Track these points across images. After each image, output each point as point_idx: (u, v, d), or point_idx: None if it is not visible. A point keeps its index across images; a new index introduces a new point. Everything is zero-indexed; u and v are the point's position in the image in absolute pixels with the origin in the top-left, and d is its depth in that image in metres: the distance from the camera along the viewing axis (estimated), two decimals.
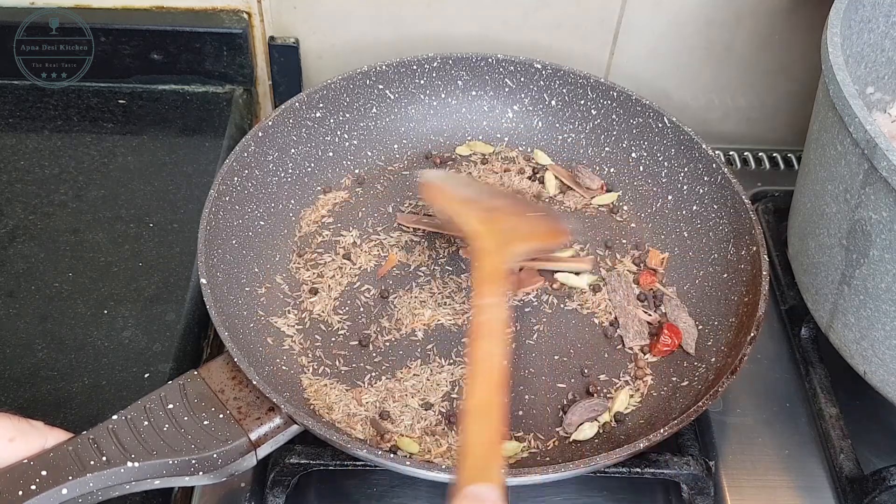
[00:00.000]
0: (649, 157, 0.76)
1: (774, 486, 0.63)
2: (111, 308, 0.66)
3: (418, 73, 0.78)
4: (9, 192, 0.74)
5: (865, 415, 0.67)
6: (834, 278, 0.59)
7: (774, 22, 0.82)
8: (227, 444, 0.53)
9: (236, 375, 0.57)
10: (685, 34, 0.84)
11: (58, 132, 0.79)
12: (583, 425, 0.61)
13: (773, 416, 0.66)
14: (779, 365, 0.70)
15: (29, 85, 0.82)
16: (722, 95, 0.89)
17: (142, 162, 0.77)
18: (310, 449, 0.58)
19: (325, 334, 0.66)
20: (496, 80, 0.79)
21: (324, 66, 0.86)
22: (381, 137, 0.79)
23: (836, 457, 0.63)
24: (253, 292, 0.67)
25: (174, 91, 0.84)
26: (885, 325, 0.56)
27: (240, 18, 0.82)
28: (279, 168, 0.73)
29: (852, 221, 0.56)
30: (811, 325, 0.69)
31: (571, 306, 0.69)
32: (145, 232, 0.72)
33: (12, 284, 0.67)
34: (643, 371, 0.65)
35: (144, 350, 0.64)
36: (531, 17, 0.83)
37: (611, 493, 0.64)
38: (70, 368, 0.62)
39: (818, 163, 0.60)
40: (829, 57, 0.56)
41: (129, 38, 0.81)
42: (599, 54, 0.86)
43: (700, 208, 0.72)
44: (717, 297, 0.68)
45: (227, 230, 0.66)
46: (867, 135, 0.51)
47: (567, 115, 0.79)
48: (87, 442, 0.51)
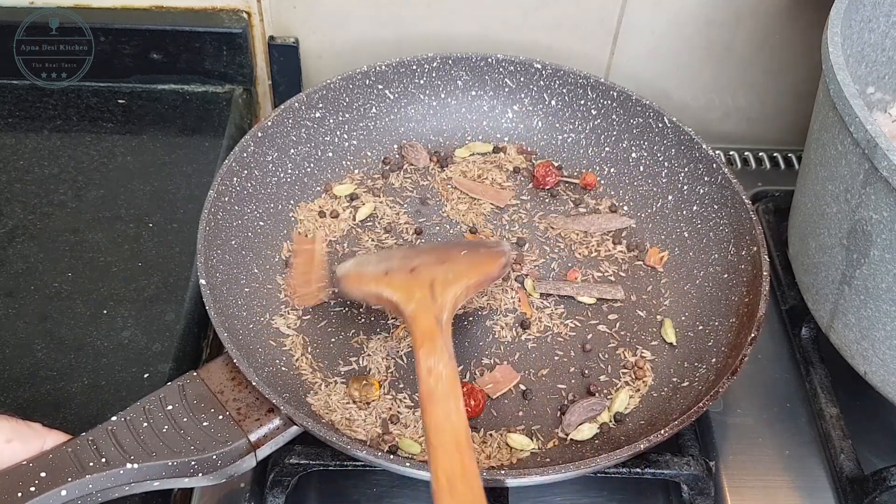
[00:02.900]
0: (649, 157, 0.76)
1: (775, 487, 0.63)
2: (111, 308, 0.66)
3: (418, 73, 0.78)
4: (8, 192, 0.74)
5: (866, 415, 0.67)
6: (834, 278, 0.59)
7: (774, 22, 0.82)
8: (226, 445, 0.53)
9: (236, 376, 0.57)
10: (685, 34, 0.84)
11: (57, 132, 0.79)
12: (582, 425, 0.61)
13: (774, 417, 0.66)
14: (779, 365, 0.70)
15: (29, 85, 0.82)
16: (722, 95, 0.89)
17: (141, 162, 0.77)
18: (310, 449, 0.58)
19: (325, 335, 0.66)
20: (496, 80, 0.79)
21: (323, 66, 0.86)
22: (380, 137, 0.79)
23: (836, 457, 0.63)
24: (253, 293, 0.67)
25: (174, 91, 0.84)
26: (885, 325, 0.56)
27: (239, 18, 0.81)
28: (279, 168, 0.73)
29: (853, 221, 0.56)
30: (811, 325, 0.69)
31: (575, 313, 0.69)
32: (145, 232, 0.71)
33: (11, 284, 0.67)
34: (643, 371, 0.65)
35: (144, 350, 0.64)
36: (531, 16, 0.83)
37: (611, 493, 0.64)
38: (69, 368, 0.62)
39: (819, 163, 0.60)
40: (829, 57, 0.56)
41: (129, 38, 0.80)
42: (599, 54, 0.86)
43: (700, 208, 0.72)
44: (717, 297, 0.68)
45: (226, 231, 0.66)
46: (868, 135, 0.51)
47: (567, 115, 0.79)
48: (87, 443, 0.51)
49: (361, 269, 0.64)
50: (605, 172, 0.78)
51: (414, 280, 0.60)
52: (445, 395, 0.51)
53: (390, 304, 0.60)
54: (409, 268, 0.62)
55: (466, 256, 0.64)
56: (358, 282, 0.63)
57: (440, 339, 0.55)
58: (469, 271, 0.62)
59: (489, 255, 0.65)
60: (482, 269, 0.63)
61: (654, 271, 0.72)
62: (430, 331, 0.55)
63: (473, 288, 0.62)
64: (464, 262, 0.63)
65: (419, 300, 0.58)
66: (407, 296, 0.58)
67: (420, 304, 0.57)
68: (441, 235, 0.74)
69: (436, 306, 0.57)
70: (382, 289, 0.60)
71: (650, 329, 0.68)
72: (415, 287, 0.59)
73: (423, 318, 0.56)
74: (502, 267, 0.65)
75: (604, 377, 0.65)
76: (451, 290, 0.59)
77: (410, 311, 0.57)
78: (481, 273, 0.63)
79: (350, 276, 0.64)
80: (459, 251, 0.65)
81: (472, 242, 0.72)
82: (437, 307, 0.57)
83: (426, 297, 0.58)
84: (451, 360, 0.53)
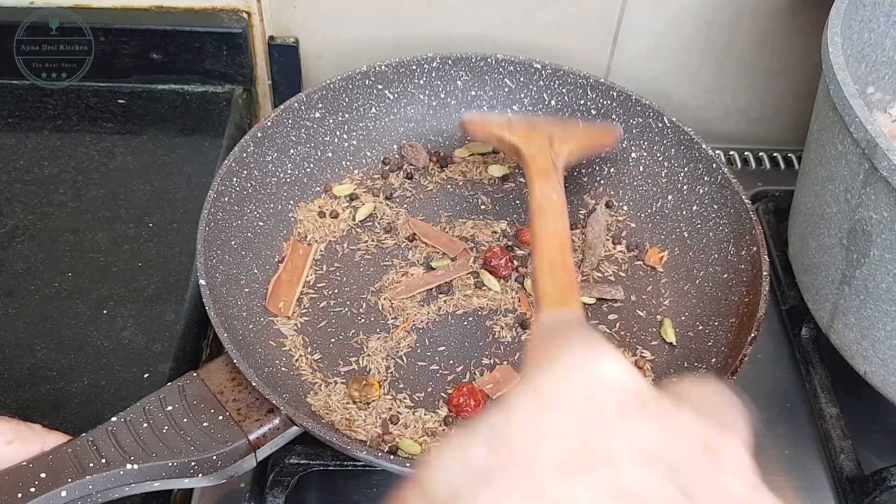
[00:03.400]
0: (649, 157, 0.76)
1: (774, 487, 0.62)
2: (111, 308, 0.66)
3: (418, 73, 0.78)
4: (8, 192, 0.74)
5: (866, 415, 0.67)
6: (834, 278, 0.59)
7: (774, 22, 0.82)
8: (226, 445, 0.53)
9: (236, 377, 0.57)
10: (685, 34, 0.84)
11: (57, 132, 0.79)
12: None
13: (774, 417, 0.66)
14: (779, 365, 0.70)
15: (29, 85, 0.82)
16: (722, 95, 0.89)
17: (141, 162, 0.77)
18: (310, 449, 0.58)
19: (325, 335, 0.66)
20: (496, 80, 0.79)
21: (323, 66, 0.86)
22: (380, 138, 0.79)
23: (836, 457, 0.63)
24: (253, 293, 0.67)
25: (174, 91, 0.84)
26: (885, 325, 0.56)
27: (239, 18, 0.81)
28: (278, 168, 0.73)
29: (853, 221, 0.56)
30: (811, 326, 0.69)
31: None
32: (145, 232, 0.71)
33: (11, 284, 0.67)
34: (643, 371, 0.65)
35: (144, 350, 0.64)
36: (531, 16, 0.83)
37: None
38: (69, 369, 0.62)
39: (819, 163, 0.60)
40: (829, 57, 0.56)
41: (129, 38, 0.80)
42: (599, 54, 0.86)
43: (700, 208, 0.72)
44: (717, 297, 0.68)
45: (226, 231, 0.66)
46: (868, 135, 0.51)
47: (567, 115, 0.79)
48: (86, 444, 0.51)
49: (487, 117, 0.74)
50: (604, 172, 0.78)
51: (534, 131, 0.67)
52: (554, 212, 0.55)
53: (511, 146, 0.66)
54: (531, 124, 0.70)
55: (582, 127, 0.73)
56: (483, 125, 0.71)
57: (555, 176, 0.60)
58: (584, 135, 0.70)
59: (604, 127, 0.74)
60: (596, 136, 0.72)
61: (654, 271, 0.72)
62: (546, 168, 0.61)
63: (587, 149, 0.70)
64: (580, 129, 0.71)
65: (539, 145, 0.64)
66: (527, 141, 0.65)
67: (539, 148, 0.64)
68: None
69: (553, 152, 0.63)
70: (505, 133, 0.67)
71: (650, 329, 0.68)
72: (535, 136, 0.66)
73: (542, 158, 0.62)
74: (615, 139, 0.73)
75: None
76: (567, 145, 0.66)
77: (530, 152, 0.63)
78: (595, 138, 0.71)
79: (476, 121, 0.72)
80: (577, 122, 0.75)
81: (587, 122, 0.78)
82: (554, 153, 0.63)
83: (545, 144, 0.64)
84: (562, 192, 0.58)
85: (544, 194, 0.57)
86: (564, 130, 0.68)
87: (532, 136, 0.66)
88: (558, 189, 0.58)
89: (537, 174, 0.60)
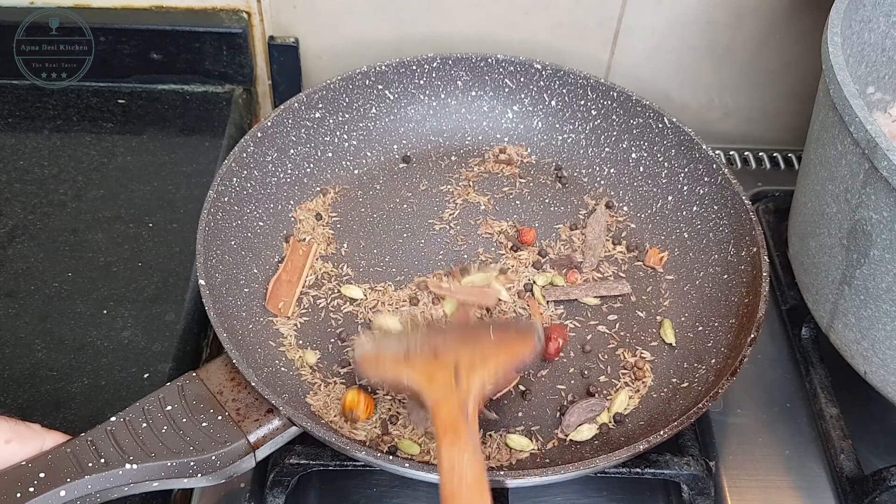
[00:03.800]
0: (649, 158, 0.76)
1: (775, 487, 0.63)
2: (111, 308, 0.66)
3: (418, 73, 0.78)
4: (8, 192, 0.74)
5: (866, 415, 0.67)
6: (834, 278, 0.59)
7: (774, 22, 0.82)
8: (225, 445, 0.53)
9: (235, 377, 0.57)
10: (685, 34, 0.84)
11: (57, 132, 0.79)
12: (581, 426, 0.61)
13: (774, 417, 0.66)
14: (779, 365, 0.70)
15: (29, 85, 0.82)
16: (722, 95, 0.89)
17: (141, 162, 0.77)
18: (309, 449, 0.58)
19: (324, 335, 0.66)
20: (496, 81, 0.79)
21: (323, 66, 0.86)
22: (380, 138, 0.79)
23: (836, 457, 0.63)
24: (252, 293, 0.67)
25: (174, 91, 0.84)
26: (885, 325, 0.56)
27: (239, 18, 0.81)
28: (278, 168, 0.73)
29: (853, 221, 0.56)
30: (811, 325, 0.69)
31: (574, 314, 0.69)
32: (145, 232, 0.71)
33: (12, 284, 0.67)
34: (643, 372, 0.65)
35: (144, 350, 0.64)
36: (531, 16, 0.83)
37: (611, 493, 0.64)
38: (69, 369, 0.62)
39: (818, 163, 0.60)
40: (829, 57, 0.56)
41: (129, 38, 0.81)
42: (599, 54, 0.86)
43: (700, 209, 0.72)
44: (717, 297, 0.68)
45: (226, 231, 0.66)
46: (868, 135, 0.51)
47: (567, 115, 0.79)
48: (86, 444, 0.51)
49: (380, 352, 0.59)
50: (605, 173, 0.78)
51: (436, 364, 0.55)
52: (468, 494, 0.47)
53: (410, 391, 0.56)
54: (432, 349, 0.57)
55: (495, 337, 0.59)
56: (376, 366, 0.58)
57: (464, 432, 0.50)
58: (498, 353, 0.57)
59: (519, 335, 0.60)
60: (512, 351, 0.58)
61: (654, 272, 0.72)
62: (452, 421, 0.51)
63: (503, 372, 0.57)
64: (492, 343, 0.58)
65: (443, 386, 0.53)
66: (429, 381, 0.54)
67: (443, 391, 0.53)
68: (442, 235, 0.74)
69: (460, 392, 0.53)
70: (402, 373, 0.56)
71: (650, 330, 0.68)
72: (438, 372, 0.54)
73: (446, 406, 0.52)
74: (534, 349, 0.59)
75: (603, 378, 0.65)
76: (478, 374, 0.54)
77: (433, 398, 0.53)
78: (511, 355, 0.58)
79: (368, 360, 0.59)
80: (487, 331, 0.60)
81: (500, 322, 0.67)
82: (461, 393, 0.53)
83: (449, 383, 0.53)
84: (475, 456, 0.48)
85: (454, 470, 0.47)
86: (473, 352, 0.56)
87: (434, 374, 0.54)
88: (471, 450, 0.48)
89: (443, 432, 0.50)
